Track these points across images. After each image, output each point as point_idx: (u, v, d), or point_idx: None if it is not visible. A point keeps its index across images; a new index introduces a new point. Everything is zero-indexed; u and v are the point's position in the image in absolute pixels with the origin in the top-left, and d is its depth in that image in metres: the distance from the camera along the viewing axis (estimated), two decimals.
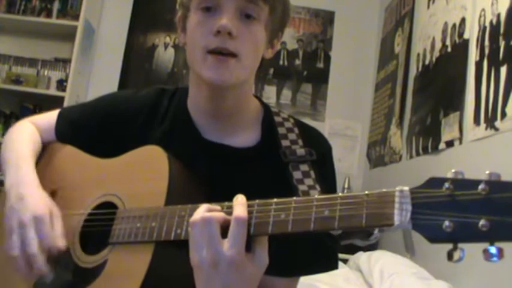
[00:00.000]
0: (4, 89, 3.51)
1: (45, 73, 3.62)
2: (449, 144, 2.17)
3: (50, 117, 1.12)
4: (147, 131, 1.01)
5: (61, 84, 3.53)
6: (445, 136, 2.21)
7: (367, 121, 3.61)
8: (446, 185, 0.59)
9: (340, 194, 0.67)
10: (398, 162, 2.84)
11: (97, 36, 3.77)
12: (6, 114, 3.64)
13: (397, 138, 2.91)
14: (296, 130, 1.00)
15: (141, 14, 3.83)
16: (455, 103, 2.14)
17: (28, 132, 1.10)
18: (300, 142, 0.98)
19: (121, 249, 0.85)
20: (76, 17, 3.51)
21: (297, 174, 0.93)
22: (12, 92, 3.53)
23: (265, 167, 0.96)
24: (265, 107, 1.05)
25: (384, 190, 0.64)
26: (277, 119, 1.02)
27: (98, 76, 3.73)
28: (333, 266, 0.96)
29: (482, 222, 0.56)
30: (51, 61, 3.66)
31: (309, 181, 0.92)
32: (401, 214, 0.60)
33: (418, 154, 2.54)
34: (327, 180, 0.96)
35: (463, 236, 0.57)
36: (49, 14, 3.60)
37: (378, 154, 3.27)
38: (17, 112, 3.63)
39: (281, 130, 1.00)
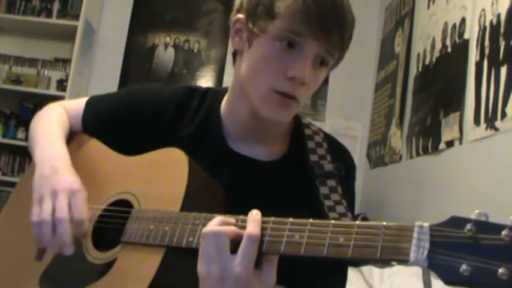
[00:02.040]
0: (4, 89, 3.51)
1: (45, 73, 3.62)
2: (449, 144, 2.17)
3: (79, 105, 1.11)
4: (173, 131, 0.99)
5: (61, 84, 3.53)
6: (445, 136, 2.21)
7: (367, 121, 3.61)
8: (469, 226, 0.57)
9: (357, 222, 0.65)
10: (399, 162, 2.84)
11: (97, 36, 3.77)
12: (6, 114, 3.64)
13: (397, 138, 2.91)
14: (325, 145, 0.99)
15: (141, 14, 3.83)
16: (455, 103, 2.14)
17: (58, 114, 1.10)
18: (329, 157, 0.97)
19: (131, 249, 0.84)
20: (76, 17, 3.51)
21: (324, 190, 0.92)
22: (12, 92, 3.53)
23: (290, 180, 0.95)
24: (297, 118, 1.03)
25: (403, 224, 0.61)
26: (307, 131, 1.01)
27: (98, 76, 3.73)
28: (342, 286, 0.95)
29: (502, 270, 0.53)
30: (51, 61, 3.66)
31: (335, 196, 0.91)
32: (418, 251, 0.59)
33: (418, 154, 2.54)
34: (348, 198, 0.94)
35: (480, 283, 0.55)
36: (49, 14, 3.60)
37: (378, 154, 3.27)
38: (17, 112, 3.63)
39: (310, 144, 0.98)
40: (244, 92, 0.92)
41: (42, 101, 3.51)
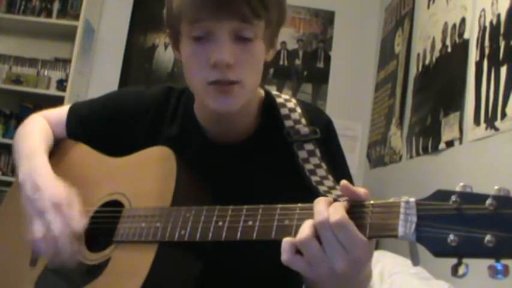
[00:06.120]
0: (4, 89, 3.51)
1: (45, 73, 3.62)
2: (449, 144, 2.17)
3: (61, 112, 1.12)
4: (155, 130, 1.01)
5: (61, 84, 3.53)
6: (445, 136, 2.21)
7: (367, 121, 3.61)
8: (453, 198, 0.58)
9: (346, 201, 0.66)
10: (399, 162, 2.84)
11: (97, 36, 3.76)
12: (6, 114, 3.64)
13: (397, 138, 2.91)
14: (298, 109, 0.98)
15: (141, 14, 3.83)
16: (455, 103, 2.14)
17: (40, 126, 1.10)
18: (303, 121, 0.96)
19: (125, 248, 0.85)
20: (76, 17, 3.51)
21: (302, 154, 0.92)
22: (12, 92, 3.53)
23: (269, 152, 0.96)
24: (265, 92, 1.03)
25: (390, 200, 0.63)
26: (279, 100, 1.00)
27: (98, 76, 3.73)
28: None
29: (488, 237, 0.54)
30: (51, 61, 3.65)
31: (314, 160, 0.91)
32: (405, 225, 0.60)
33: (418, 154, 2.54)
34: (334, 156, 0.95)
35: (468, 251, 0.56)
36: (49, 14, 3.59)
37: (378, 154, 3.27)
38: (17, 112, 3.63)
39: (283, 111, 0.98)
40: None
41: (42, 101, 3.52)
